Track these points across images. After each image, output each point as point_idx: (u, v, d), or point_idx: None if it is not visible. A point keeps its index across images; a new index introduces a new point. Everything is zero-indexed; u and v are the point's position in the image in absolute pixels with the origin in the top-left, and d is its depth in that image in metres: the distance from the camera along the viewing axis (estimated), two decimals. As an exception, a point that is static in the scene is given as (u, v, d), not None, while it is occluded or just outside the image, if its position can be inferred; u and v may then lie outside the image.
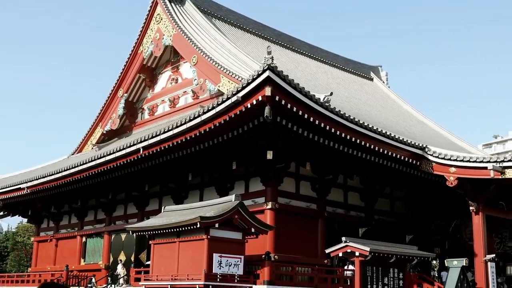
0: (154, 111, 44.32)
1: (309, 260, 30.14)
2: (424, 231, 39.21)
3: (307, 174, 31.94)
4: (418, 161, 30.65)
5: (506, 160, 28.38)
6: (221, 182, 32.85)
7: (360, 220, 35.73)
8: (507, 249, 39.03)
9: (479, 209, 30.72)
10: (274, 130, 26.41)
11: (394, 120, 40.97)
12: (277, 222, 28.94)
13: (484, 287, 29.80)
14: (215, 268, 25.32)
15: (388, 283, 25.19)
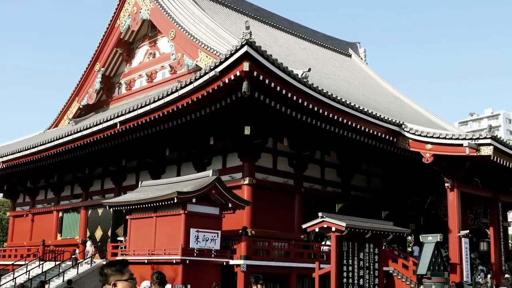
0: (131, 86, 43.98)
1: (286, 235, 30.32)
2: (400, 207, 39.57)
3: (285, 149, 32.02)
4: (395, 138, 30.83)
5: (481, 138, 28.66)
6: (198, 157, 32.79)
7: (337, 196, 35.95)
8: (481, 225, 39.61)
9: (454, 185, 31.04)
10: (252, 105, 26.37)
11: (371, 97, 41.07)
12: (254, 197, 29.02)
13: (458, 262, 30.22)
14: (192, 243, 25.41)
15: (363, 258, 25.37)
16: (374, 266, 25.97)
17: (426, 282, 26.24)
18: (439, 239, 27.54)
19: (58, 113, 48.78)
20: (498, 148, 28.82)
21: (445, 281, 26.85)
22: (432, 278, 26.29)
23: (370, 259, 25.74)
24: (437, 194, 36.88)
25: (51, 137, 35.57)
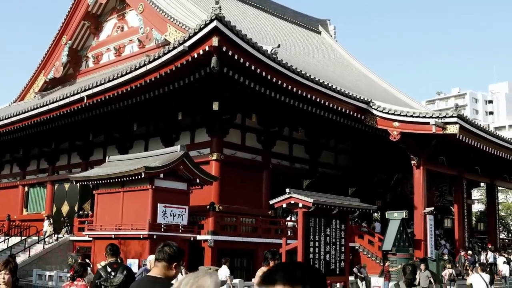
0: (99, 60, 43.43)
1: (253, 211, 30.43)
2: (367, 184, 39.96)
3: (253, 126, 32.01)
4: (363, 115, 31.00)
5: (447, 116, 28.98)
6: (166, 132, 32.63)
7: (305, 172, 36.13)
8: (446, 202, 40.25)
9: (420, 163, 31.39)
10: (220, 81, 26.26)
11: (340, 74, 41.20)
12: (222, 173, 29.02)
13: (423, 238, 30.66)
14: (160, 218, 25.35)
15: (330, 234, 25.55)
16: (341, 242, 26.19)
17: (391, 258, 26.63)
18: (404, 216, 27.94)
19: (24, 86, 48.06)
20: (464, 126, 29.19)
21: (410, 257, 27.26)
22: (397, 254, 26.70)
23: (336, 235, 25.95)
24: (403, 172, 37.30)
25: (16, 110, 35.05)
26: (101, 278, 8.44)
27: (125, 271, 8.49)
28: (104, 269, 8.59)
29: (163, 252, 4.90)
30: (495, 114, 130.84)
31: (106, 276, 8.38)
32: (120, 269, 8.53)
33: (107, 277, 8.36)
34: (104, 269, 8.60)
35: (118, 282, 8.23)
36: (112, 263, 8.65)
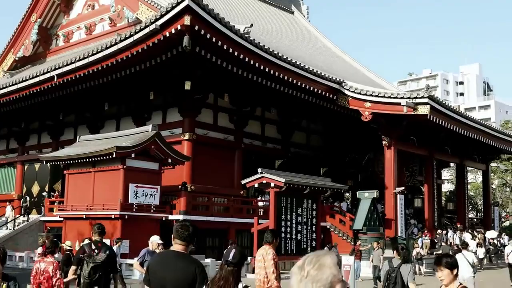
0: (69, 38, 42.80)
1: (226, 191, 30.46)
2: (338, 164, 40.19)
3: (225, 105, 31.95)
4: (335, 96, 31.10)
5: (418, 97, 29.22)
6: (138, 112, 32.43)
7: (277, 152, 36.21)
8: (416, 182, 40.68)
9: (392, 143, 31.63)
10: (192, 60, 26.12)
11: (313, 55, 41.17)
12: (194, 153, 28.96)
13: (393, 218, 30.98)
14: (131, 198, 25.28)
15: (302, 214, 25.80)
16: (312, 221, 26.46)
17: (362, 237, 26.91)
18: (375, 196, 28.22)
19: (-8, 65, 47.24)
20: (434, 107, 29.46)
21: (380, 236, 27.60)
22: (367, 233, 27.00)
23: (308, 214, 26.19)
24: (374, 152, 37.60)
25: (-16, 89, 34.48)
26: (85, 253, 8.73)
27: (108, 251, 8.85)
28: (89, 246, 8.87)
29: (183, 233, 5.29)
30: (465, 95, 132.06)
31: (89, 252, 8.67)
32: (103, 248, 8.84)
33: (90, 253, 8.66)
34: (89, 246, 8.89)
35: (100, 260, 8.58)
36: (97, 242, 8.94)
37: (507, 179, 64.10)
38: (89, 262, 8.65)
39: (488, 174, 46.67)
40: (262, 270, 9.15)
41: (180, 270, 5.14)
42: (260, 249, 9.54)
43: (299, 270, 2.94)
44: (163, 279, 5.16)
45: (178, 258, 5.23)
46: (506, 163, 61.93)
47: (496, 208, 46.61)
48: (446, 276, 4.92)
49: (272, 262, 9.19)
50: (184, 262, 5.23)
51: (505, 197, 63.43)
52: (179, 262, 5.22)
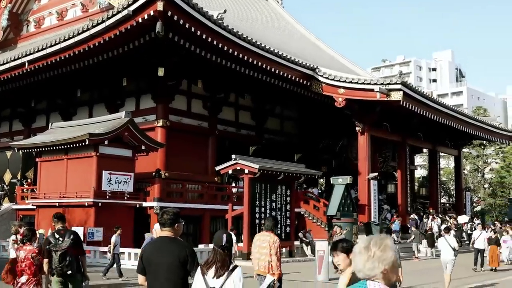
0: (40, 24, 42.20)
1: (200, 178, 30.44)
2: (313, 150, 40.34)
3: (199, 92, 31.84)
4: (309, 82, 31.15)
5: (392, 83, 29.40)
6: (111, 98, 32.18)
7: (251, 138, 36.22)
8: (389, 168, 41.00)
9: (365, 129, 31.84)
10: (166, 46, 25.94)
11: (286, 41, 41.12)
12: (168, 139, 28.84)
13: (366, 203, 31.23)
14: (105, 186, 25.16)
15: (276, 200, 25.85)
16: (286, 207, 26.52)
17: (336, 223, 27.04)
18: (349, 181, 28.37)
19: (-38, 51, 46.48)
20: (407, 93, 29.67)
21: (354, 222, 27.79)
22: (341, 219, 27.14)
23: (282, 200, 26.25)
24: (348, 138, 37.80)
25: (-46, 76, 33.91)
26: (50, 244, 8.85)
27: (72, 235, 9.02)
28: (53, 236, 9.00)
29: (164, 220, 5.72)
30: (438, 82, 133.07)
31: (55, 242, 8.83)
32: (67, 234, 8.98)
33: (56, 242, 8.82)
34: (53, 235, 9.02)
35: (66, 246, 8.74)
36: (60, 230, 9.08)
37: (479, 165, 64.95)
38: (57, 250, 8.79)
39: (460, 160, 47.20)
40: (267, 256, 9.52)
41: (172, 253, 5.51)
42: (260, 235, 9.91)
43: (366, 250, 3.36)
44: (157, 264, 5.50)
45: (169, 242, 5.61)
46: (478, 149, 62.73)
47: (468, 193, 47.16)
48: (342, 260, 4.95)
49: (279, 250, 9.66)
50: (176, 246, 5.60)
51: (476, 182, 64.27)
52: (171, 246, 5.58)
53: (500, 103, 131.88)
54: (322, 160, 40.18)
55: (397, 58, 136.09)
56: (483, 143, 60.14)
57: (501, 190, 64.06)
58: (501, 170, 65.76)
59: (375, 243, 3.37)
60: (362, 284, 3.38)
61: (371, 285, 3.34)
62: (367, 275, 3.37)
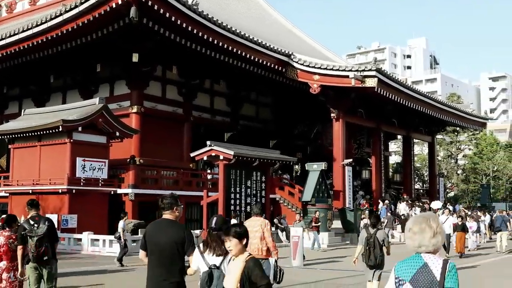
0: (12, 9, 41.62)
1: (175, 164, 30.33)
2: (288, 136, 40.42)
3: (174, 78, 31.67)
4: (284, 68, 31.17)
5: (366, 70, 29.54)
6: (85, 84, 31.87)
7: (226, 125, 36.17)
8: (364, 154, 41.26)
9: (340, 116, 31.98)
10: (140, 32, 25.72)
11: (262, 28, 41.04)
12: (143, 126, 28.69)
13: (341, 189, 31.43)
14: (79, 172, 24.98)
15: (251, 186, 25.92)
16: (261, 193, 26.62)
17: (311, 209, 27.19)
18: (323, 168, 28.48)
19: None
20: (382, 80, 29.85)
21: (329, 208, 27.95)
22: (316, 205, 27.28)
23: (257, 186, 26.33)
24: (323, 124, 37.90)
25: None
26: (25, 230, 8.86)
27: (47, 221, 9.04)
28: (27, 222, 9.01)
29: (164, 204, 6.23)
30: (413, 69, 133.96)
31: (30, 228, 8.85)
32: (42, 220, 9.00)
33: (31, 229, 8.84)
34: (27, 222, 9.03)
35: (42, 232, 8.77)
36: (34, 216, 9.09)
37: (452, 151, 65.61)
38: (33, 236, 8.79)
39: (433, 146, 47.63)
40: (259, 240, 9.98)
41: (171, 234, 6.02)
42: (251, 220, 10.27)
43: (429, 228, 3.77)
44: (158, 243, 6.00)
45: (169, 225, 6.14)
46: (451, 135, 63.33)
47: (442, 179, 47.66)
48: (234, 246, 4.95)
49: (271, 233, 10.18)
50: (175, 228, 6.13)
51: (450, 168, 64.93)
52: (171, 228, 6.10)
53: (473, 90, 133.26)
54: (297, 146, 40.28)
55: (372, 45, 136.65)
56: (457, 130, 60.75)
57: (474, 176, 64.80)
58: (474, 157, 66.52)
59: (433, 220, 3.80)
60: (417, 257, 3.79)
61: (429, 257, 3.76)
62: (429, 250, 3.77)
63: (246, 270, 4.85)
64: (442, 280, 3.67)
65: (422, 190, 53.00)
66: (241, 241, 4.99)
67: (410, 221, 3.88)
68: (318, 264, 18.88)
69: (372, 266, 10.99)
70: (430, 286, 3.68)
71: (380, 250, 10.95)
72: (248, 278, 4.83)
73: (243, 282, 4.84)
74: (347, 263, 19.19)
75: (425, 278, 3.69)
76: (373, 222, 11.53)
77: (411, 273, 3.74)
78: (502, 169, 63.51)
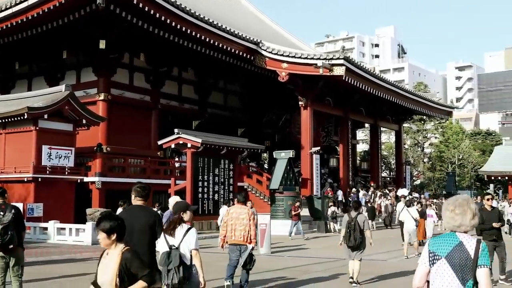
0: (-24, -6, 40.91)
1: (142, 152, 30.14)
2: (256, 124, 40.45)
3: (142, 65, 31.43)
4: (252, 56, 31.13)
5: (334, 58, 29.66)
6: (51, 71, 31.44)
7: (194, 112, 36.04)
8: (332, 142, 41.52)
9: (308, 104, 32.08)
10: (107, 18, 25.43)
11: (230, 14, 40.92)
12: (110, 113, 28.43)
13: (309, 177, 31.57)
14: (45, 160, 24.65)
15: (219, 174, 25.90)
16: (229, 181, 26.62)
17: (278, 197, 27.29)
18: (291, 156, 28.57)
19: None
20: (349, 68, 30.00)
21: (296, 195, 28.07)
22: (284, 193, 27.39)
23: (225, 174, 26.33)
24: (291, 112, 38.02)
25: None
26: None
27: (13, 210, 9.03)
28: None
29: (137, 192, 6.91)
30: (381, 58, 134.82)
31: None
32: (8, 208, 8.97)
33: None
34: None
35: (8, 220, 8.75)
36: (0, 204, 9.05)
37: (419, 139, 66.30)
38: None
39: (400, 134, 48.09)
40: (246, 227, 10.36)
41: (144, 218, 6.82)
42: (235, 207, 10.69)
43: (470, 210, 4.16)
44: (132, 225, 6.43)
45: (142, 210, 6.92)
46: (418, 124, 63.97)
47: (408, 167, 48.15)
48: (103, 239, 4.72)
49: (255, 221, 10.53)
50: (147, 212, 6.97)
51: (416, 156, 65.61)
52: (143, 213, 6.89)
53: (440, 79, 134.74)
54: (266, 134, 40.36)
55: (340, 34, 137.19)
56: (423, 119, 61.38)
57: (440, 164, 65.56)
58: (440, 145, 67.31)
59: (472, 203, 4.22)
60: (453, 236, 4.18)
61: (464, 236, 4.14)
62: (467, 230, 4.18)
63: (124, 262, 4.58)
64: (476, 257, 4.04)
65: (389, 178, 53.54)
66: (109, 236, 4.69)
67: (451, 203, 4.24)
68: (286, 251, 18.97)
69: (352, 247, 11.87)
70: (465, 262, 4.04)
71: (360, 233, 11.84)
72: (127, 270, 4.58)
73: (122, 276, 4.57)
74: (314, 251, 19.43)
75: (461, 255, 4.06)
76: (355, 206, 12.52)
77: (447, 249, 4.11)
78: (467, 157, 64.34)
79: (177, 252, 6.57)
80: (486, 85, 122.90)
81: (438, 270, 4.10)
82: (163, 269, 6.58)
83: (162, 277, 6.56)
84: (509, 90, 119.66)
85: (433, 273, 4.14)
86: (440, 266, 4.10)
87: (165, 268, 6.57)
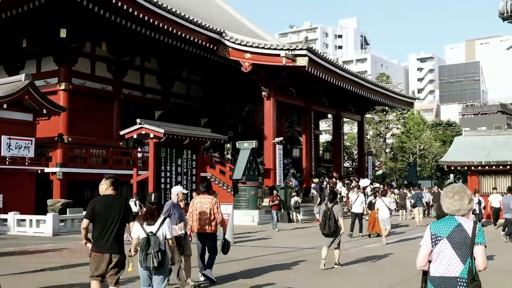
0: None
1: (104, 142, 29.86)
2: (219, 115, 40.41)
3: (103, 55, 31.09)
4: (216, 46, 31.04)
5: (298, 49, 29.74)
6: (10, 60, 30.93)
7: (157, 102, 35.84)
8: (295, 133, 41.67)
9: (271, 94, 32.13)
10: (68, 6, 25.10)
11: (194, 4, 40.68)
12: (71, 103, 28.10)
13: (272, 167, 31.66)
14: (4, 151, 24.32)
15: (181, 164, 25.77)
16: (192, 172, 26.51)
17: (241, 187, 27.33)
18: (254, 146, 28.63)
19: None
20: (312, 59, 30.11)
21: (259, 186, 28.16)
22: (247, 183, 27.45)
23: (188, 165, 26.21)
24: (254, 103, 38.03)
25: None
26: None
27: None
28: None
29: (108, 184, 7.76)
30: (344, 49, 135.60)
31: None
32: None
33: None
34: None
35: None
36: None
37: (381, 130, 66.92)
38: None
39: (363, 125, 48.46)
40: (211, 215, 10.56)
41: (117, 206, 7.62)
42: (200, 198, 10.89)
43: (467, 196, 4.80)
44: (107, 213, 7.49)
45: (115, 199, 7.72)
46: (380, 115, 64.56)
47: (370, 157, 48.58)
48: None
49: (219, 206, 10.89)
50: (119, 201, 7.76)
51: (378, 147, 66.27)
52: (116, 202, 7.69)
53: (402, 70, 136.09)
54: (229, 124, 40.32)
55: (304, 25, 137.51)
56: (385, 109, 61.94)
57: (401, 155, 66.34)
58: (402, 136, 68.07)
59: (467, 189, 4.86)
60: (452, 219, 4.79)
61: (462, 219, 4.76)
62: (465, 213, 4.79)
63: None
64: (473, 236, 4.66)
65: (352, 168, 53.98)
66: None
67: (449, 191, 4.86)
68: (248, 241, 19.02)
69: (326, 235, 12.73)
70: (464, 241, 4.66)
71: (334, 222, 12.63)
72: None
73: None
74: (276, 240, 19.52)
75: (460, 235, 4.67)
76: (331, 197, 13.33)
77: (448, 231, 4.71)
78: (428, 148, 65.21)
79: (156, 239, 7.47)
80: (447, 77, 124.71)
81: (441, 249, 4.70)
82: (142, 254, 7.41)
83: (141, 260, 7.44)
84: (469, 81, 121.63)
85: (435, 253, 4.73)
86: (442, 246, 4.70)
87: (144, 252, 7.40)
